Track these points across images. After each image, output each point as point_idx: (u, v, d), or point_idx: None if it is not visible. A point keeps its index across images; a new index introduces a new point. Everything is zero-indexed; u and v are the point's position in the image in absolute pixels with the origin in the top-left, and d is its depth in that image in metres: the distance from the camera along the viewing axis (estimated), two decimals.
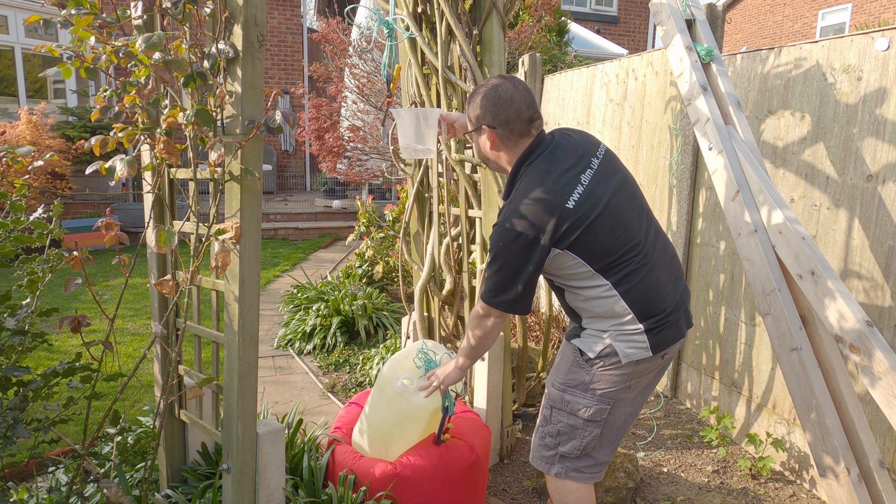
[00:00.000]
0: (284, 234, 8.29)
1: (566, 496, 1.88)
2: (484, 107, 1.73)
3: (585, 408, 1.79)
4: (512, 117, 1.72)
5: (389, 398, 2.16)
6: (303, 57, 11.10)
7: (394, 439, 2.18)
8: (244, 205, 1.66)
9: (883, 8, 12.19)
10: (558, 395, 1.84)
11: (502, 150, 1.78)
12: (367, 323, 4.27)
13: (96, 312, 4.69)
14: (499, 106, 1.72)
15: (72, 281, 1.49)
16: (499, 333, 1.88)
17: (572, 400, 1.80)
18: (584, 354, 1.77)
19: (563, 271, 1.73)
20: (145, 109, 1.59)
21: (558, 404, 1.84)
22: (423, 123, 2.02)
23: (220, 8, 1.58)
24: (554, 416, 1.85)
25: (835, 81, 2.45)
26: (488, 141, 1.76)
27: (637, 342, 1.72)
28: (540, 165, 1.72)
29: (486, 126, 1.74)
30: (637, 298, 1.70)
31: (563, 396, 1.82)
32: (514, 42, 6.47)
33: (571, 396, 1.80)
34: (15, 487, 1.98)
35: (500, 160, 1.80)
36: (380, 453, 2.21)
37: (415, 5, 2.68)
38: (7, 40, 8.16)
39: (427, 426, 2.19)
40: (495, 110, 1.72)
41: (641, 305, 1.70)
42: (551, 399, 1.87)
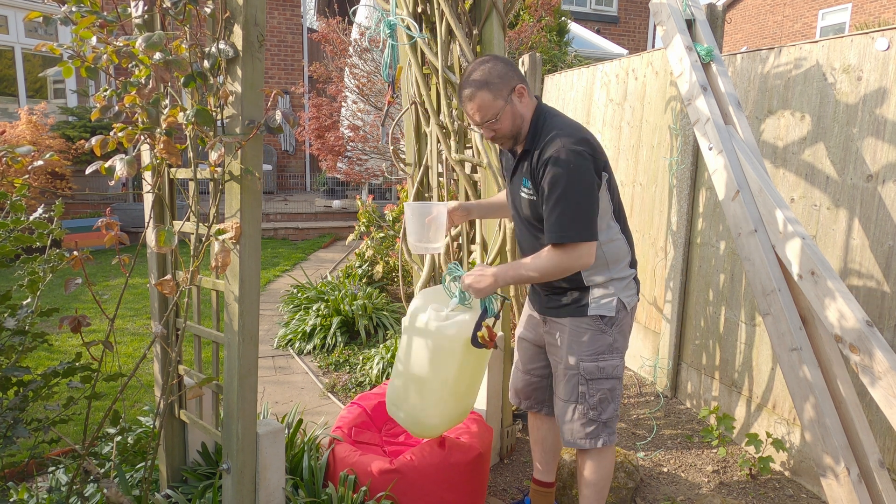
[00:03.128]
0: (284, 234, 8.29)
1: (608, 464, 2.02)
2: (507, 70, 1.81)
3: (616, 367, 1.94)
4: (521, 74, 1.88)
5: (416, 333, 1.99)
6: (303, 57, 11.10)
7: (429, 388, 1.99)
8: (244, 205, 1.66)
9: (883, 8, 12.19)
10: (592, 367, 1.92)
11: (527, 103, 1.86)
12: (367, 323, 4.27)
13: (96, 312, 4.69)
14: (513, 65, 1.85)
15: (72, 281, 1.49)
16: None
17: (606, 364, 1.92)
18: (605, 318, 1.90)
19: None
20: (145, 109, 1.59)
21: (595, 375, 1.92)
22: (430, 224, 2.03)
23: (221, 8, 1.58)
24: (591, 389, 1.93)
25: (835, 81, 2.45)
26: (522, 97, 1.84)
27: (631, 288, 1.95)
28: (552, 110, 1.91)
29: (518, 85, 1.82)
30: (630, 244, 1.96)
31: (598, 365, 1.92)
32: (514, 42, 6.47)
33: (605, 362, 1.92)
34: (15, 487, 1.98)
35: (526, 115, 1.86)
36: (416, 413, 2.02)
37: (415, 5, 2.68)
38: (7, 40, 8.16)
39: (468, 366, 1.99)
40: (514, 68, 1.85)
41: (632, 252, 1.97)
42: (585, 373, 1.92)
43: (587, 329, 1.92)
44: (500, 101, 1.80)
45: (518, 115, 1.84)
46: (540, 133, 1.84)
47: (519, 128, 1.86)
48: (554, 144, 1.77)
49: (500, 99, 1.80)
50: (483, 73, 1.80)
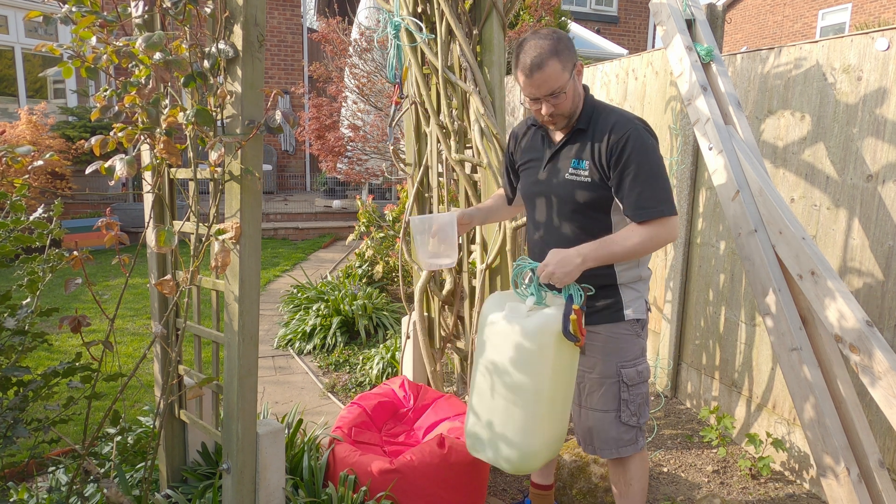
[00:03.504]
0: (284, 234, 8.29)
1: (644, 467, 1.98)
2: (569, 48, 1.73)
3: (648, 369, 1.92)
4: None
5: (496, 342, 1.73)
6: (303, 57, 11.10)
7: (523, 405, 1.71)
8: (244, 205, 1.66)
9: (883, 8, 12.19)
10: (633, 372, 1.87)
11: (580, 85, 1.81)
12: (367, 323, 4.27)
13: (96, 312, 4.69)
14: (570, 40, 1.78)
15: (72, 281, 1.49)
16: None
17: (643, 368, 1.90)
18: (641, 321, 1.87)
19: None
20: (145, 109, 1.58)
21: (635, 380, 1.87)
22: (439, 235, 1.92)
23: (220, 8, 1.58)
24: (633, 394, 1.88)
25: (835, 81, 2.44)
26: (580, 76, 1.79)
27: (646, 289, 1.94)
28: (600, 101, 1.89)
29: (579, 62, 1.78)
30: None
31: (637, 369, 1.88)
32: (514, 42, 6.46)
33: (641, 365, 1.90)
34: (15, 487, 1.98)
35: (579, 96, 1.81)
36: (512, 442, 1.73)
37: (415, 5, 2.68)
38: (7, 40, 8.16)
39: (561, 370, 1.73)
40: (573, 45, 1.78)
41: None
42: (628, 380, 1.86)
43: (625, 334, 1.85)
44: (567, 73, 1.72)
45: (577, 95, 1.78)
46: (598, 113, 1.80)
47: (576, 107, 1.79)
48: (626, 124, 1.74)
49: (566, 71, 1.71)
50: (552, 42, 1.70)
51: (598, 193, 1.78)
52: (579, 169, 1.79)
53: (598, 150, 1.75)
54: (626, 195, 1.73)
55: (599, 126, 1.77)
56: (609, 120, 1.76)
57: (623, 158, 1.71)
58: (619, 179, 1.73)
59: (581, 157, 1.79)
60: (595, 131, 1.77)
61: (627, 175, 1.71)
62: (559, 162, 1.85)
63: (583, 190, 1.79)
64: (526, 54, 1.72)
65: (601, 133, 1.76)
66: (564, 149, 1.84)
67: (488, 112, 2.53)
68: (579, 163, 1.79)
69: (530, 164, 1.96)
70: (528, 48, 1.72)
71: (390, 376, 3.53)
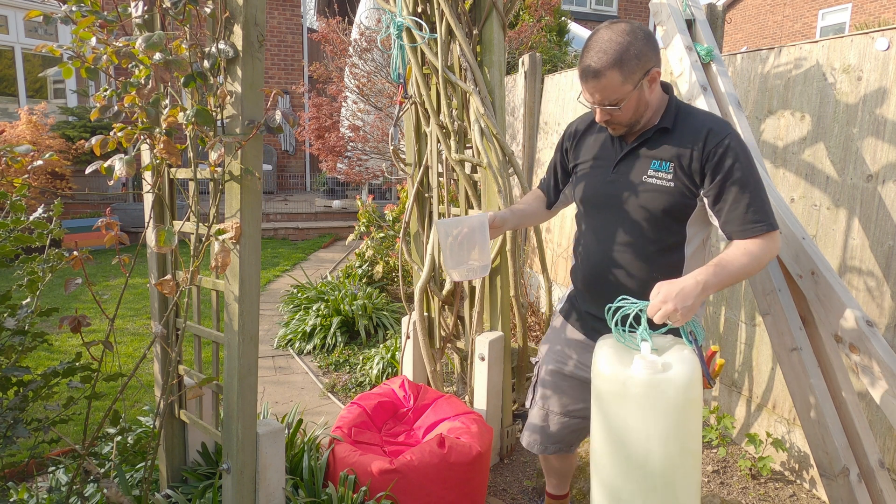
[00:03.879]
0: (284, 234, 8.29)
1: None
2: (646, 48, 1.51)
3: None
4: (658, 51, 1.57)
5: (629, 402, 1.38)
6: (303, 57, 11.10)
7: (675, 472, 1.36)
8: (244, 205, 1.66)
9: (883, 8, 12.19)
10: None
11: (657, 89, 1.61)
12: (367, 323, 4.27)
13: (96, 312, 4.69)
14: (652, 39, 1.54)
15: (72, 281, 1.49)
16: None
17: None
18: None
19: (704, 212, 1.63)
20: (145, 109, 1.58)
21: None
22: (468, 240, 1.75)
23: (220, 8, 1.58)
24: None
25: (835, 81, 2.44)
26: (653, 83, 1.58)
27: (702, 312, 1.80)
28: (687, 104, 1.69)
29: (654, 68, 1.55)
30: None
31: None
32: (514, 42, 6.47)
33: None
34: (15, 487, 1.98)
35: (653, 102, 1.61)
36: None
37: (415, 5, 2.68)
38: (7, 40, 8.16)
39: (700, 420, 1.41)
40: (653, 44, 1.54)
41: None
42: None
43: None
44: (629, 85, 1.52)
45: (643, 104, 1.58)
46: (684, 113, 1.62)
47: (640, 116, 1.60)
48: (724, 127, 1.56)
49: (629, 83, 1.52)
50: (620, 47, 1.50)
51: (680, 201, 1.59)
52: (661, 171, 1.60)
53: (690, 154, 1.56)
54: (729, 208, 1.53)
55: (689, 127, 1.59)
56: (702, 121, 1.59)
57: (724, 167, 1.52)
58: (718, 190, 1.53)
59: (664, 158, 1.60)
60: (684, 133, 1.59)
61: (731, 186, 1.52)
62: (635, 163, 1.65)
63: (663, 195, 1.59)
64: (587, 55, 1.53)
65: (693, 135, 1.57)
66: (642, 148, 1.65)
67: (488, 112, 2.53)
68: (661, 164, 1.60)
69: (595, 163, 1.75)
70: (592, 46, 1.53)
71: (390, 376, 3.53)
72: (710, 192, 1.55)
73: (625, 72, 1.51)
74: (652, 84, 1.57)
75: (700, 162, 1.55)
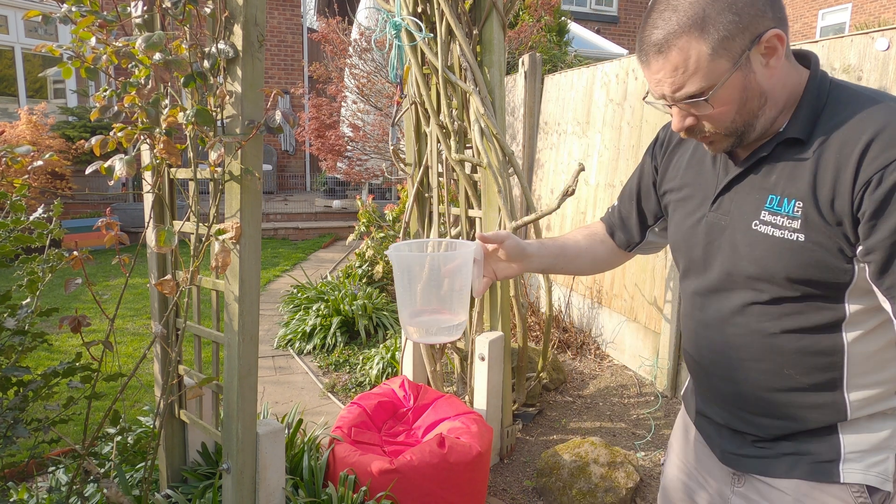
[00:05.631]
0: (284, 234, 8.29)
1: None
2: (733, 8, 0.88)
3: None
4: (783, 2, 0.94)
5: None
6: (303, 57, 11.10)
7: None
8: (244, 205, 1.66)
9: (883, 8, 12.19)
10: None
11: (783, 66, 0.94)
12: (367, 323, 4.27)
13: (96, 312, 4.69)
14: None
15: (72, 281, 1.49)
16: None
17: None
18: (874, 492, 0.98)
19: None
20: (145, 109, 1.58)
21: None
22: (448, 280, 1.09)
23: (220, 8, 1.58)
24: None
25: None
26: (772, 55, 0.92)
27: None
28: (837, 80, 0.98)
29: (771, 30, 0.89)
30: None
31: None
32: (514, 42, 6.47)
33: None
34: (15, 487, 1.98)
35: (775, 89, 0.94)
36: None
37: (415, 5, 2.68)
38: (7, 40, 8.16)
39: None
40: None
41: None
42: None
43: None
44: (724, 61, 0.90)
45: (754, 94, 0.93)
46: (832, 107, 0.94)
47: (751, 117, 0.95)
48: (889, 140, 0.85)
49: (723, 58, 0.89)
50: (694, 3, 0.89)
51: (820, 264, 0.92)
52: (781, 215, 0.94)
53: (832, 183, 0.89)
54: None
55: (836, 134, 0.91)
56: (861, 119, 0.89)
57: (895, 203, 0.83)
58: (890, 252, 0.85)
59: (789, 193, 0.94)
60: (826, 145, 0.91)
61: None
62: (745, 197, 1.00)
63: (786, 254, 0.94)
64: (649, 18, 0.94)
65: (841, 146, 0.89)
66: (752, 174, 1.00)
67: (488, 112, 2.53)
68: (783, 203, 0.94)
69: (687, 195, 1.12)
70: (657, 4, 0.94)
71: (390, 376, 3.53)
72: (874, 252, 0.87)
73: (712, 36, 0.88)
74: (771, 56, 0.91)
75: (849, 197, 0.87)
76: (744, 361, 1.03)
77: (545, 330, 3.24)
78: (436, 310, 1.12)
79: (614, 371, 3.86)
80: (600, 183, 4.07)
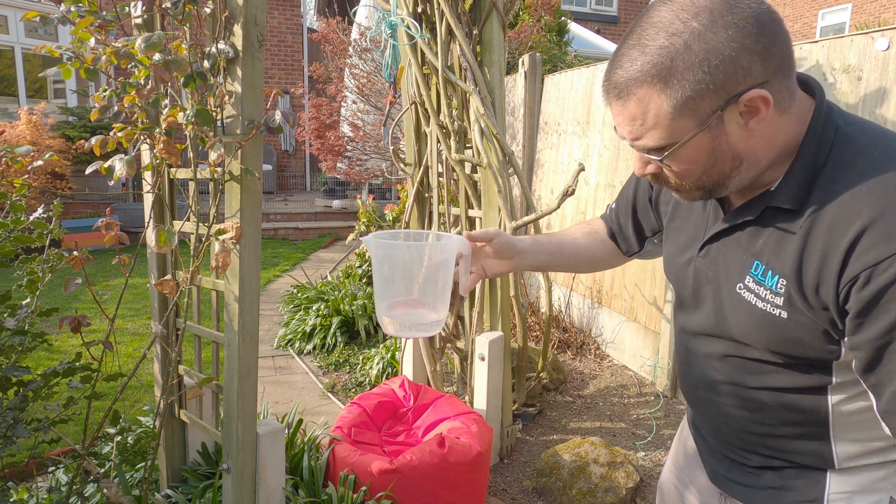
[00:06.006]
0: (284, 234, 8.29)
1: None
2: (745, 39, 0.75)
3: None
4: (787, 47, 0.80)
5: None
6: (303, 57, 11.10)
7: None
8: (244, 205, 1.66)
9: (883, 8, 12.19)
10: None
11: (767, 127, 0.81)
12: (367, 323, 4.27)
13: (96, 312, 4.69)
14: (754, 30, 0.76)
15: (72, 281, 1.49)
16: None
17: None
18: None
19: None
20: (145, 109, 1.59)
21: None
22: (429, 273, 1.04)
23: (220, 8, 1.58)
24: None
25: (835, 81, 2.44)
26: (753, 116, 0.79)
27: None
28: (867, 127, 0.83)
29: (753, 90, 0.77)
30: None
31: None
32: (514, 42, 6.47)
33: None
34: (15, 487, 1.98)
35: (758, 148, 0.82)
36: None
37: (415, 5, 2.68)
38: (7, 40, 8.17)
39: None
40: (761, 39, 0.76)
41: None
42: None
43: None
44: (688, 120, 0.79)
45: (727, 154, 0.82)
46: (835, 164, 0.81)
47: (724, 176, 0.85)
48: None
49: (687, 117, 0.79)
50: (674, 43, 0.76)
51: (804, 340, 0.85)
52: (764, 287, 0.87)
53: (818, 268, 0.80)
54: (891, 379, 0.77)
55: (830, 207, 0.79)
56: (857, 198, 0.77)
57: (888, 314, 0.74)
58: (874, 355, 0.78)
59: (773, 265, 0.85)
60: (817, 219, 0.80)
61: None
62: (731, 251, 0.92)
63: (769, 327, 0.87)
64: (617, 51, 0.83)
65: (831, 230, 0.78)
66: (738, 233, 0.91)
67: (488, 112, 2.53)
68: (767, 275, 0.86)
69: (680, 227, 1.06)
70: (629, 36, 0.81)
71: (390, 376, 3.53)
72: (860, 350, 0.79)
73: (676, 93, 0.77)
74: (751, 117, 0.79)
75: (835, 289, 0.78)
76: (725, 405, 1.00)
77: (545, 330, 3.24)
78: (414, 303, 1.08)
79: (614, 371, 3.86)
80: (600, 183, 4.07)
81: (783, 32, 0.79)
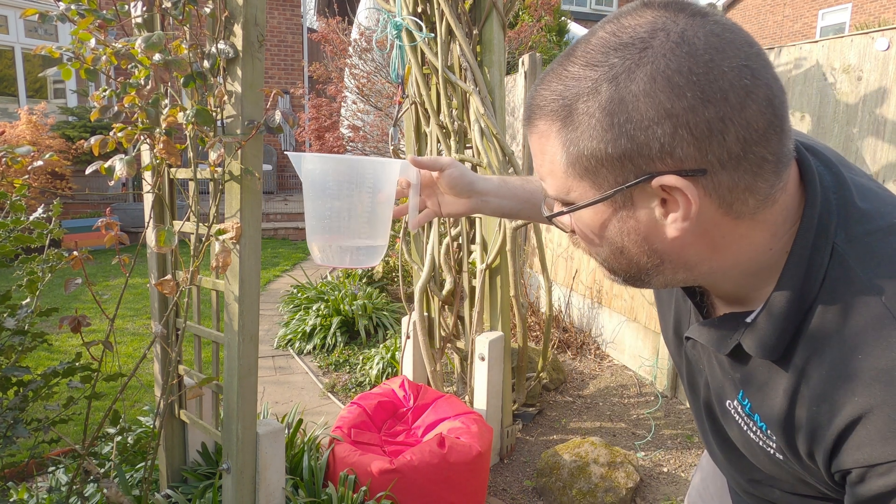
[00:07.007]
0: (284, 234, 8.29)
1: None
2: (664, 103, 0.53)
3: None
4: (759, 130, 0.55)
5: None
6: (303, 57, 11.10)
7: None
8: (244, 205, 1.66)
9: (883, 8, 12.19)
10: None
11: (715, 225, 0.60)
12: (367, 323, 4.27)
13: (96, 312, 4.69)
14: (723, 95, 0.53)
15: (72, 281, 1.49)
16: None
17: None
18: None
19: None
20: (145, 109, 1.59)
21: None
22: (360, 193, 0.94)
23: (220, 8, 1.58)
24: None
25: (835, 81, 2.45)
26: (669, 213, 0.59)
27: None
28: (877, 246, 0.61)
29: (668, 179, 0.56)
30: None
31: None
32: (514, 42, 6.47)
33: None
34: (15, 487, 1.98)
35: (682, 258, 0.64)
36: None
37: (415, 5, 2.68)
38: (7, 40, 8.16)
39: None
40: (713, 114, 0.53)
41: None
42: None
43: None
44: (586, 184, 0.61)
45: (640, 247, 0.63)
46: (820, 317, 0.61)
47: (642, 270, 0.65)
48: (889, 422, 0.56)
49: (584, 179, 0.61)
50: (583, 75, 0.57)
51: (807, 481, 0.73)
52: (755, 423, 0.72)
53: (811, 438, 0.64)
54: None
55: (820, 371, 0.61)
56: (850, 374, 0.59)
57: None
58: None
59: (760, 411, 0.70)
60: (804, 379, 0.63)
61: None
62: (712, 364, 0.77)
63: (770, 464, 0.75)
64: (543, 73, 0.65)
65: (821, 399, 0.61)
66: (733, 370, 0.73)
67: (488, 112, 2.53)
68: (756, 418, 0.72)
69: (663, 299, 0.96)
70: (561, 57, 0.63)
71: (390, 376, 3.53)
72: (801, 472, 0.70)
73: (571, 144, 0.60)
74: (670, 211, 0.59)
75: (827, 468, 0.65)
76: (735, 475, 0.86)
77: (545, 330, 3.24)
78: (349, 229, 0.95)
79: (614, 371, 3.86)
80: None
81: (760, 105, 0.54)
